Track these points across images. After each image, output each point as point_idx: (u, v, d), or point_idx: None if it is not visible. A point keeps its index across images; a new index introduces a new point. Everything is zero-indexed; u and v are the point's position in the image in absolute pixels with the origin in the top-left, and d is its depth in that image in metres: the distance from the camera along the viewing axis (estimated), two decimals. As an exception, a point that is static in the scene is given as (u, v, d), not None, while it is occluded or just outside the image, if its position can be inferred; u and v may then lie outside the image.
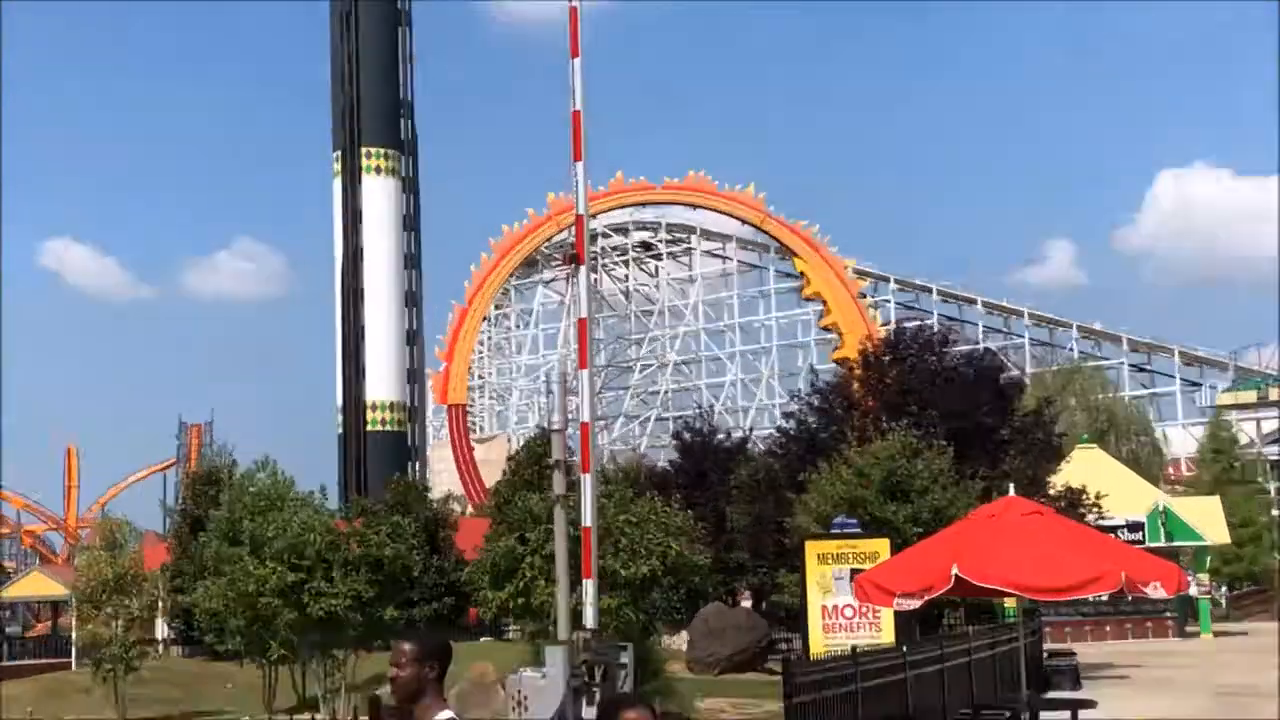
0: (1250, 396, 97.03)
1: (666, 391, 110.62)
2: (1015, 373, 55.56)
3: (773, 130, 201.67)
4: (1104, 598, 44.67)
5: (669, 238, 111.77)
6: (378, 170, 70.38)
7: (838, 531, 27.75)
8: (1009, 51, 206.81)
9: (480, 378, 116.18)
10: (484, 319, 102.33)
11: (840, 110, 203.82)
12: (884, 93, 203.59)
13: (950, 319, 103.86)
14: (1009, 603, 35.87)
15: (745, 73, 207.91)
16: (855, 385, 42.13)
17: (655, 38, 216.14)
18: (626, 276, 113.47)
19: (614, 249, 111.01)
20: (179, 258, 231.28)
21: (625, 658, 24.32)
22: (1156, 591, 16.32)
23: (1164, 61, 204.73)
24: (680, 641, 40.36)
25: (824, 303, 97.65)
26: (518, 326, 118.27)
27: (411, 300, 71.69)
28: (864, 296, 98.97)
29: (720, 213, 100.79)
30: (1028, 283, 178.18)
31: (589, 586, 24.55)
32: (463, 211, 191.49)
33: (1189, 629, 52.50)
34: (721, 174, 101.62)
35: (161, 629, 56.47)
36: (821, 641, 25.71)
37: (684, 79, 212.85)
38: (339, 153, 70.83)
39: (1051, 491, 38.57)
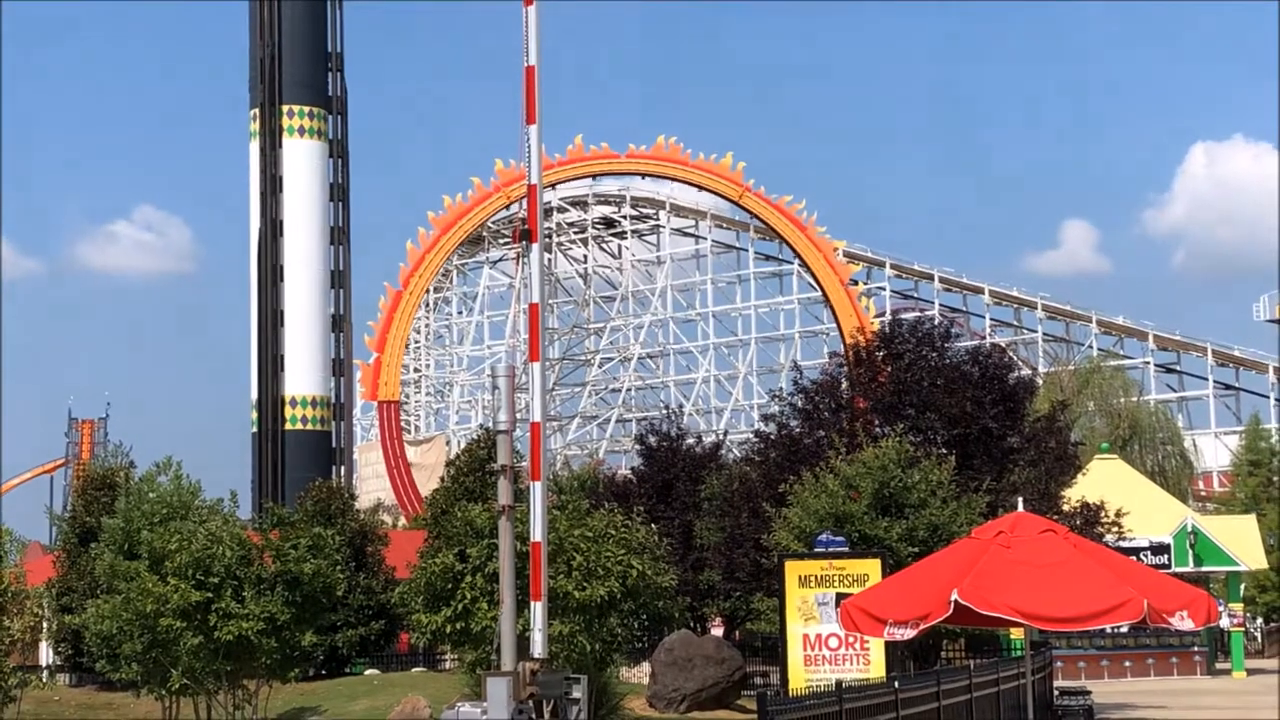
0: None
1: (629, 389, 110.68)
2: (1026, 372, 55.75)
3: (753, 97, 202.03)
4: (1123, 629, 44.97)
5: (634, 213, 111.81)
6: (301, 131, 70.14)
7: (822, 550, 27.83)
8: (1020, 13, 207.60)
9: (416, 370, 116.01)
10: (421, 304, 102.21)
11: (829, 77, 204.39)
12: (878, 58, 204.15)
13: (953, 310, 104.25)
14: (1015, 633, 36.04)
15: (723, 31, 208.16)
16: (844, 384, 42.23)
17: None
18: (585, 257, 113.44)
19: (571, 225, 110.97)
20: (70, 228, 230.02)
21: (578, 692, 24.36)
22: (1183, 622, 16.43)
23: (1197, 18, 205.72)
24: (641, 674, 40.39)
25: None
26: (460, 313, 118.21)
27: (338, 281, 71.47)
28: (855, 283, 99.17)
29: (693, 185, 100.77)
30: (1041, 270, 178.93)
31: (537, 610, 24.57)
32: (399, 180, 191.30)
33: (1219, 665, 52.87)
34: (695, 142, 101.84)
35: (46, 654, 56.18)
36: (802, 675, 25.79)
37: (654, 35, 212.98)
38: (256, 111, 70.51)
39: (1065, 507, 38.76)
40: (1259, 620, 70.62)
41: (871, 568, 26.28)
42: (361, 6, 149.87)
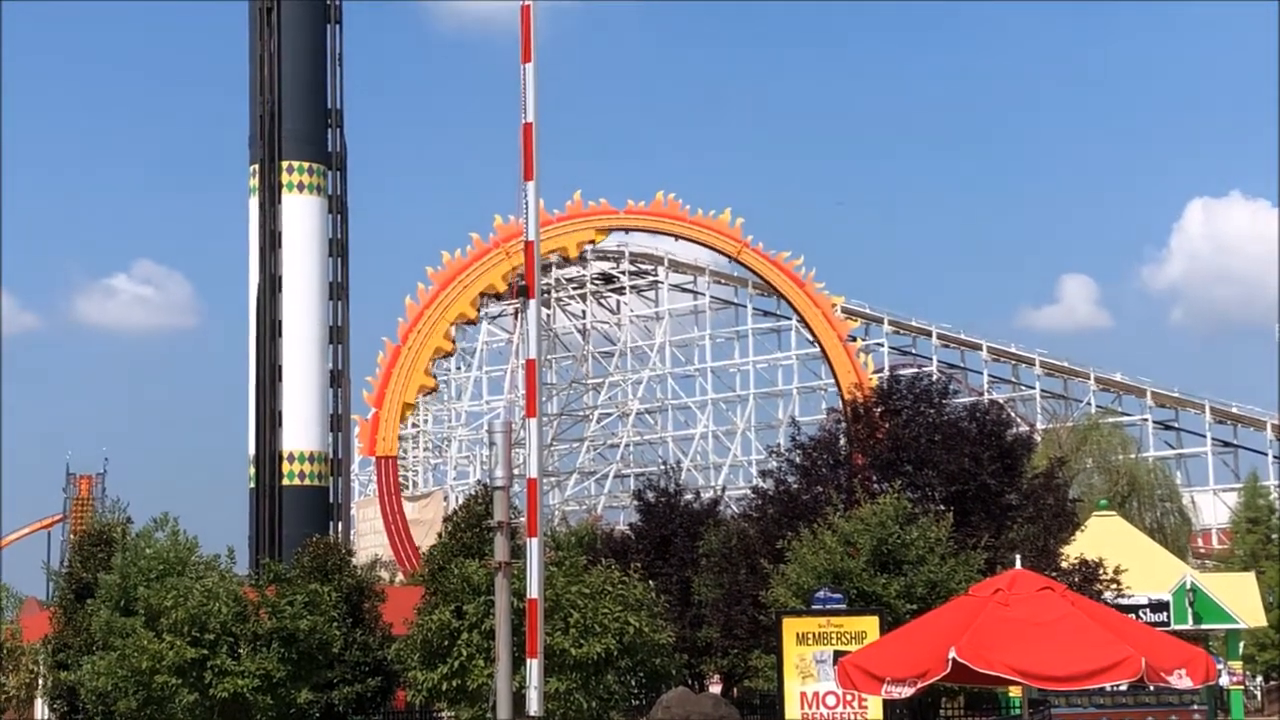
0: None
1: (627, 444, 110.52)
2: (1024, 428, 55.80)
3: (750, 151, 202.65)
4: (1122, 687, 44.70)
5: (633, 269, 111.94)
6: (300, 187, 70.25)
7: (820, 608, 27.76)
8: (1018, 61, 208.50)
9: (414, 426, 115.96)
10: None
11: (825, 131, 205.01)
12: (874, 112, 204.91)
13: (951, 366, 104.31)
14: (1014, 692, 35.88)
15: (722, 84, 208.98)
16: (842, 440, 42.20)
17: (620, 43, 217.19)
18: (583, 312, 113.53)
19: (569, 281, 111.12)
20: (69, 282, 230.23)
21: (574, 750, 24.24)
22: (1182, 681, 16.37)
23: (1196, 76, 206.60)
24: (638, 732, 40.21)
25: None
26: (458, 368, 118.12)
27: (337, 336, 71.42)
28: (854, 339, 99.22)
29: (691, 241, 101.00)
30: (1040, 325, 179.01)
31: (534, 667, 24.46)
32: (398, 236, 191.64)
33: (1219, 724, 52.58)
34: (694, 198, 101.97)
35: (42, 710, 55.97)
36: (800, 733, 25.66)
37: (653, 89, 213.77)
38: (256, 166, 70.63)
39: (1064, 564, 38.66)
40: (1258, 678, 70.30)
41: (869, 625, 26.22)
42: (362, 63, 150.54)
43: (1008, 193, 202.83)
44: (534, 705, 24.28)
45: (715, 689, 47.48)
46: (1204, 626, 51.24)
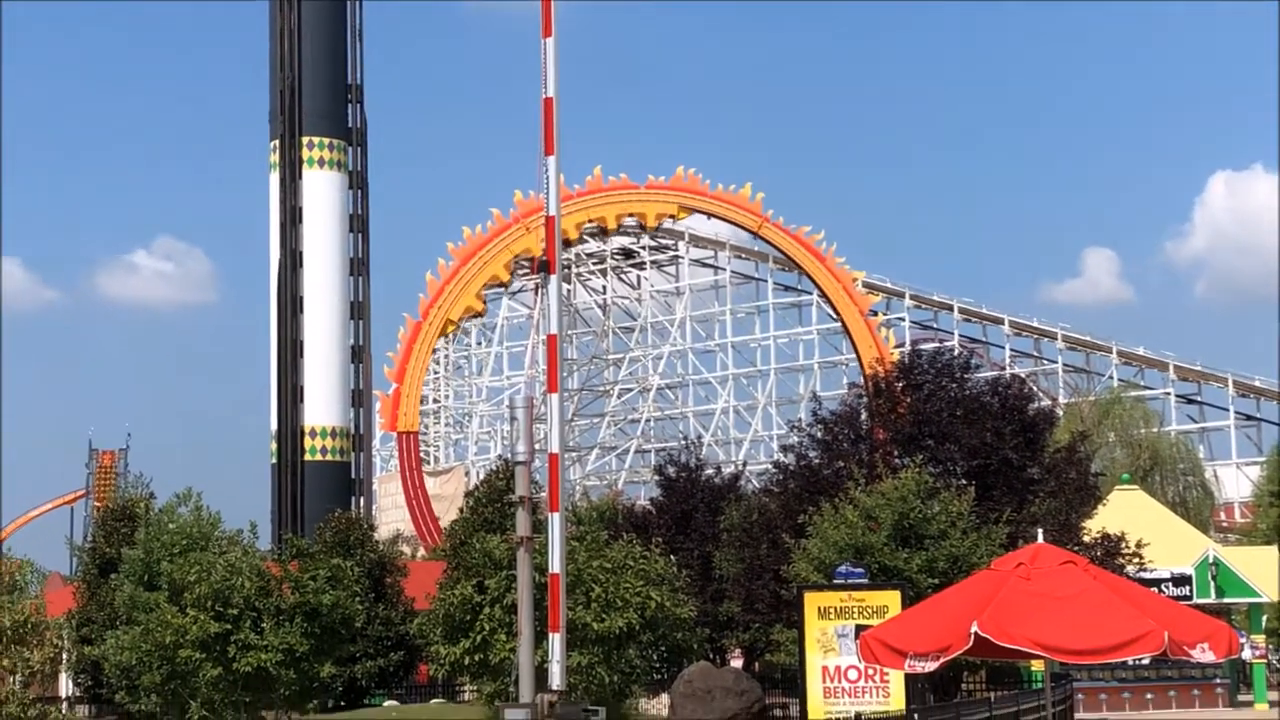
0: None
1: (648, 420, 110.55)
2: (1046, 403, 55.68)
3: (772, 127, 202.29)
4: (1145, 661, 44.78)
5: (653, 244, 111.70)
6: (321, 163, 70.35)
7: (841, 582, 27.75)
8: (1039, 39, 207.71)
9: (435, 401, 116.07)
10: (440, 334, 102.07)
11: (847, 105, 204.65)
12: (896, 86, 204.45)
13: (973, 340, 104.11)
14: (1036, 666, 35.89)
15: (742, 61, 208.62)
16: (863, 415, 42.16)
17: (641, 20, 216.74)
18: (604, 288, 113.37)
19: (590, 256, 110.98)
20: (90, 257, 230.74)
21: (596, 724, 24.29)
22: (1204, 655, 16.35)
23: (1219, 49, 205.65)
24: (659, 705, 40.26)
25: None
26: (479, 343, 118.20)
27: (358, 312, 71.61)
28: (875, 314, 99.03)
29: (712, 216, 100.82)
30: (1063, 299, 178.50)
31: (556, 641, 24.51)
32: (419, 212, 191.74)
33: (1241, 698, 52.55)
34: (714, 173, 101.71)
35: (66, 685, 56.22)
36: (822, 707, 25.73)
37: (673, 66, 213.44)
38: (276, 142, 70.75)
39: (1086, 538, 38.62)
40: (1281, 652, 70.22)
41: (891, 599, 26.20)
42: (383, 39, 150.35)
43: (1030, 167, 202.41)
44: (556, 679, 24.35)
45: (737, 663, 47.54)
46: (1226, 600, 51.22)
